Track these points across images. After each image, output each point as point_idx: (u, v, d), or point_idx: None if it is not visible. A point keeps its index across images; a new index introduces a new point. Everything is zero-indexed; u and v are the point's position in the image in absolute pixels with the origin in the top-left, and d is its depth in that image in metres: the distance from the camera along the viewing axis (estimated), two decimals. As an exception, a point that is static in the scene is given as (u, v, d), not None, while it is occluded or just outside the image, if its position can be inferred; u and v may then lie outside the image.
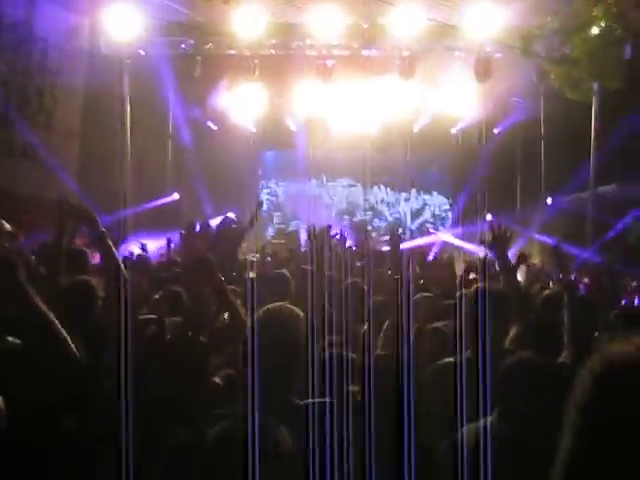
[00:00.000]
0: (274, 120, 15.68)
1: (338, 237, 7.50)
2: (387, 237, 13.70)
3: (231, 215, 13.68)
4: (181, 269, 6.53)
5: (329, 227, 6.48)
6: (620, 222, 12.00)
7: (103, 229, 3.90)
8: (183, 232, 11.51)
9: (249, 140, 16.24)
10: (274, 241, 15.84)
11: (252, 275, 5.45)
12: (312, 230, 5.19)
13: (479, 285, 3.99)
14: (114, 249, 3.96)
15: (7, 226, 9.05)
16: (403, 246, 12.03)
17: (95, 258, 5.37)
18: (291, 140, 16.26)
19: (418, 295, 4.90)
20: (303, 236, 14.15)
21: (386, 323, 4.04)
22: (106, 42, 12.72)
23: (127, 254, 8.47)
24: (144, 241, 10.15)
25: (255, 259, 8.80)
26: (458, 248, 14.23)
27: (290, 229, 17.08)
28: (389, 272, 5.97)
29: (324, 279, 4.12)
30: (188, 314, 4.02)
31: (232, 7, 11.86)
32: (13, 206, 10.04)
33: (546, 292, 5.35)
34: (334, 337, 3.33)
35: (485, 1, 11.40)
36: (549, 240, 12.17)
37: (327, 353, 3.12)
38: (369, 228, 16.72)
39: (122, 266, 3.80)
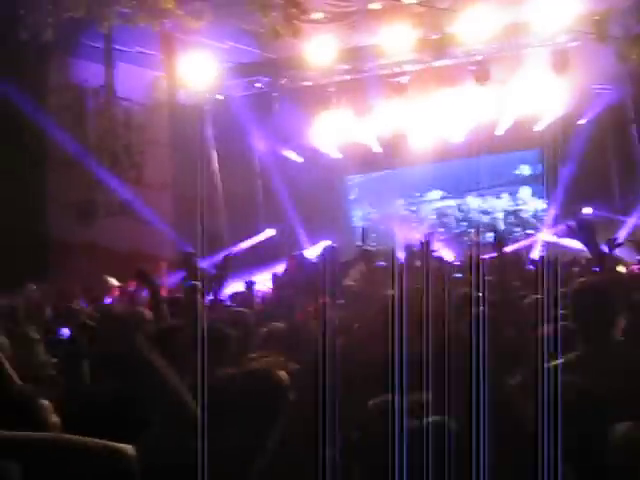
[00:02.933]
0: (357, 144, 15.73)
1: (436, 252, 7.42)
2: (491, 245, 13.48)
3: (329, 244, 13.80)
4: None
5: (427, 242, 6.39)
6: None
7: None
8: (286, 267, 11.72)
9: (336, 168, 16.31)
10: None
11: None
12: (411, 248, 5.11)
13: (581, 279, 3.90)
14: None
15: (113, 281, 9.37)
16: (506, 251, 11.87)
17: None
18: (376, 162, 16.24)
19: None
20: (401, 255, 14.10)
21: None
22: (184, 92, 13.07)
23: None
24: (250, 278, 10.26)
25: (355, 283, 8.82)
26: (561, 247, 13.90)
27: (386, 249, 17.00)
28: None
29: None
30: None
31: (301, 40, 12.02)
32: (114, 262, 10.40)
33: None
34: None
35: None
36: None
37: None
38: (466, 239, 16.50)
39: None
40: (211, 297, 5.62)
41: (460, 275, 6.60)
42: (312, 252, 13.82)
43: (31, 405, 2.86)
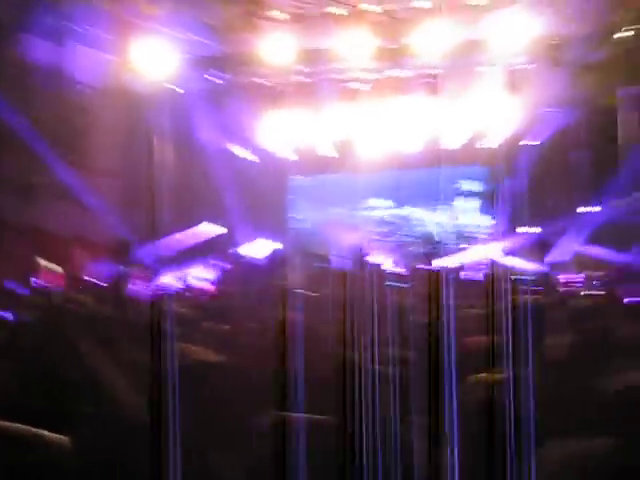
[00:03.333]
0: (307, 147, 15.75)
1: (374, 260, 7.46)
2: (428, 255, 13.59)
3: (269, 244, 13.80)
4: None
5: (361, 249, 6.45)
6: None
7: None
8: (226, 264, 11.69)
9: (284, 168, 16.29)
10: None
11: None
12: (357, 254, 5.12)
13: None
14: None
15: (57, 267, 9.25)
16: (443, 263, 12.01)
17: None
18: (324, 165, 16.27)
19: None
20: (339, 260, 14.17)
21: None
22: (138, 80, 12.92)
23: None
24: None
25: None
26: (499, 263, 14.08)
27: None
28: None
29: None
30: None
31: (259, 37, 12.00)
32: (57, 248, 10.25)
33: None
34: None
35: (512, 13, 11.37)
36: (592, 248, 12.04)
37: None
38: (409, 248, 16.62)
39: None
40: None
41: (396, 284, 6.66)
42: (252, 250, 13.80)
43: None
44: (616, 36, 10.55)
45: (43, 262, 9.41)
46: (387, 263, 11.89)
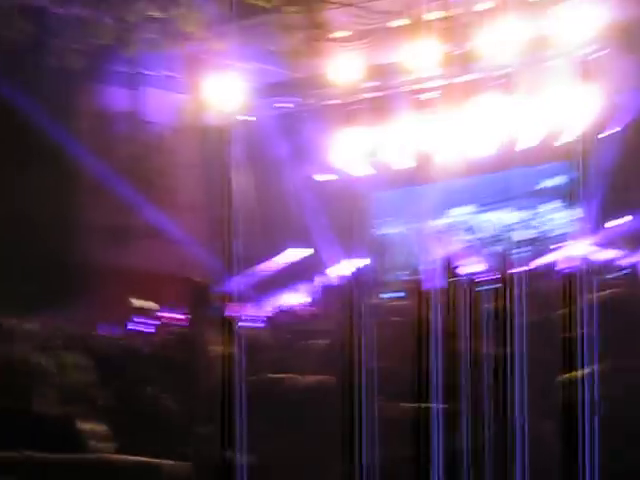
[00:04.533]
0: (385, 162, 15.74)
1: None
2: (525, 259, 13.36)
3: (359, 263, 13.78)
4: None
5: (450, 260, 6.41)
6: None
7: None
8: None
9: (363, 185, 16.28)
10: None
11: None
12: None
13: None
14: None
15: (153, 305, 9.46)
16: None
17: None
18: (403, 178, 16.20)
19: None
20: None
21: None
22: (212, 114, 13.17)
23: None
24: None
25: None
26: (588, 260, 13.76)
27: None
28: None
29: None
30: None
31: (326, 59, 12.10)
32: (149, 285, 10.49)
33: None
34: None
35: (576, 3, 11.17)
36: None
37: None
38: (502, 253, 16.36)
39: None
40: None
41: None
42: (341, 271, 13.83)
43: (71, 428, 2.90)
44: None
45: (138, 302, 9.65)
46: (476, 269, 11.76)
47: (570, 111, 14.00)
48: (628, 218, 13.61)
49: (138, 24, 10.15)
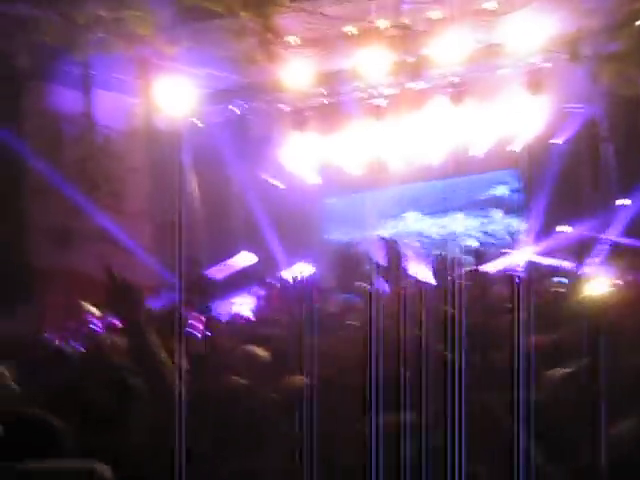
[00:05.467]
0: (334, 167, 15.77)
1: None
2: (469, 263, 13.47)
3: (308, 269, 13.79)
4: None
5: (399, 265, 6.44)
6: None
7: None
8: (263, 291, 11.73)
9: (313, 191, 16.30)
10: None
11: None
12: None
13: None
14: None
15: (95, 311, 9.31)
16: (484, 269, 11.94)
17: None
18: (354, 184, 16.25)
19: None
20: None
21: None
22: (161, 119, 13.06)
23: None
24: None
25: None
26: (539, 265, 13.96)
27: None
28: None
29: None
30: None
31: (277, 64, 12.08)
32: (93, 289, 10.33)
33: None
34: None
35: (525, 13, 11.35)
36: (630, 242, 11.88)
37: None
38: (448, 259, 16.50)
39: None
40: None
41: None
42: (289, 275, 13.82)
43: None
44: (638, 23, 10.46)
45: (79, 306, 9.51)
46: (426, 274, 11.83)
47: (518, 120, 14.23)
48: (572, 227, 13.85)
49: (88, 25, 10.01)
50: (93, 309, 9.36)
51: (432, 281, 10.93)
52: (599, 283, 7.07)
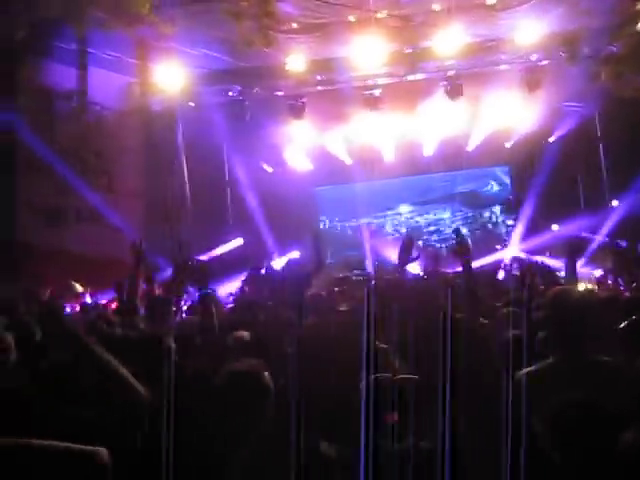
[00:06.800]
0: (328, 156, 15.74)
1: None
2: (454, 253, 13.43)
3: (295, 255, 13.77)
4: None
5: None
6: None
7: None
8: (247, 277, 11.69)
9: (306, 179, 16.25)
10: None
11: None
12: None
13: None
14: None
15: (78, 287, 9.30)
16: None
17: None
18: (347, 174, 16.20)
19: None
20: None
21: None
22: (157, 99, 13.00)
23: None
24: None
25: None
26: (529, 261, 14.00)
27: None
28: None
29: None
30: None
31: (274, 50, 12.01)
32: (83, 268, 10.30)
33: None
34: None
35: (526, 10, 11.33)
36: (620, 243, 11.93)
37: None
38: (438, 252, 16.51)
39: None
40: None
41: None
42: (279, 263, 13.82)
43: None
44: (631, 28, 10.48)
45: (68, 285, 9.49)
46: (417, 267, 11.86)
47: (513, 116, 14.24)
48: (561, 225, 13.91)
49: (88, 1, 9.94)
50: (77, 287, 9.36)
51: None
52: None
